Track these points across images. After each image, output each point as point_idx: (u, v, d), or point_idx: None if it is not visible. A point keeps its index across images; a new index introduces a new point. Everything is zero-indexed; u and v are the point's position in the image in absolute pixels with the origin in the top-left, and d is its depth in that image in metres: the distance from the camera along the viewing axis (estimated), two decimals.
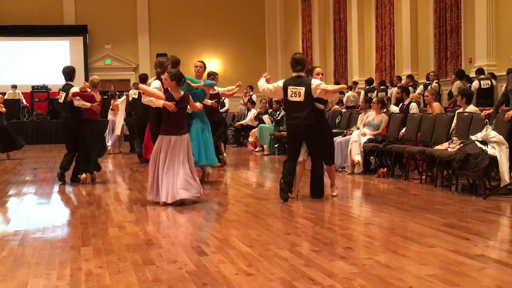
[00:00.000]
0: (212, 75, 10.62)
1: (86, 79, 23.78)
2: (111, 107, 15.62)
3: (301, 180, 7.41)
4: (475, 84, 12.39)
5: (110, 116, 15.66)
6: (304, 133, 7.17)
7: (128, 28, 25.62)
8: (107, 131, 15.47)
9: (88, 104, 9.04)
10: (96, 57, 25.54)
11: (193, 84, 8.62)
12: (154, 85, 7.52)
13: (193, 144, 8.57)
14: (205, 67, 9.45)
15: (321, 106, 7.23)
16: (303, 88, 7.08)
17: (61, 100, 9.38)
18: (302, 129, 7.14)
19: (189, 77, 8.80)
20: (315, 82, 7.11)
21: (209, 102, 9.82)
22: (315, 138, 7.18)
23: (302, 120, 7.09)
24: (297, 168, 7.29)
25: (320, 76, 7.43)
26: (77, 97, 8.97)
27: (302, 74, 7.25)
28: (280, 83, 7.33)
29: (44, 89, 21.87)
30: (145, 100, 7.14)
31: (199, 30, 25.86)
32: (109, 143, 15.26)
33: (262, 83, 7.46)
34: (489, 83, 12.34)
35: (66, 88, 9.34)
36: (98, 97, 9.28)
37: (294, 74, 7.26)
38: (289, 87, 7.17)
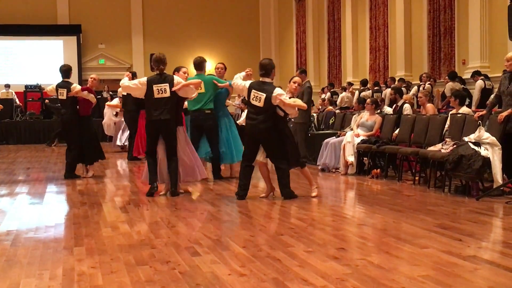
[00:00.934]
0: None
1: (80, 79, 23.75)
2: (117, 110, 15.49)
3: (270, 178, 7.51)
4: (480, 83, 12.32)
5: (116, 118, 15.56)
6: (259, 135, 7.28)
7: (122, 28, 25.58)
8: (116, 131, 15.49)
9: (95, 100, 9.72)
10: (90, 57, 25.48)
11: (219, 84, 9.01)
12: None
13: (225, 143, 9.07)
14: (225, 68, 9.73)
15: (281, 113, 7.28)
16: (264, 95, 7.18)
17: (63, 97, 9.58)
18: (258, 131, 7.25)
19: (215, 77, 9.21)
20: (277, 91, 7.18)
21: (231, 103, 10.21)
22: (272, 141, 7.24)
23: (257, 123, 7.23)
24: (260, 170, 7.46)
25: (296, 85, 7.58)
26: (86, 92, 9.54)
27: (268, 79, 7.35)
28: (247, 83, 7.47)
29: (37, 88, 21.77)
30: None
31: (193, 30, 25.86)
32: (120, 142, 15.25)
33: (237, 77, 7.62)
34: (491, 84, 12.36)
35: (65, 86, 9.59)
36: None
37: (260, 79, 7.39)
38: (252, 90, 7.30)
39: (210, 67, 16.17)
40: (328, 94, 18.55)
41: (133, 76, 13.43)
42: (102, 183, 9.24)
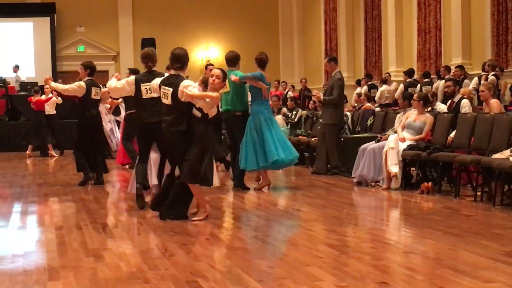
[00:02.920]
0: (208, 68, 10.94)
1: (54, 69, 23.85)
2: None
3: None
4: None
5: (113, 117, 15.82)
6: (168, 141, 7.57)
7: (107, 7, 25.65)
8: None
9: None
10: (66, 43, 25.59)
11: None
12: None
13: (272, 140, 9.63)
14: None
15: (198, 114, 7.40)
16: (171, 90, 7.43)
17: (98, 96, 10.94)
18: (166, 136, 7.53)
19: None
20: (184, 83, 7.38)
21: None
22: (181, 149, 7.40)
23: (167, 126, 7.48)
24: None
25: (213, 78, 7.63)
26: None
27: (182, 73, 7.58)
28: (158, 81, 7.74)
29: (1, 83, 21.75)
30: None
31: (195, 10, 25.84)
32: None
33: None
34: None
35: (97, 84, 10.88)
36: None
37: (172, 72, 7.65)
38: (161, 86, 7.56)
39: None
40: (365, 87, 18.51)
41: (134, 73, 13.68)
42: (82, 201, 9.28)
